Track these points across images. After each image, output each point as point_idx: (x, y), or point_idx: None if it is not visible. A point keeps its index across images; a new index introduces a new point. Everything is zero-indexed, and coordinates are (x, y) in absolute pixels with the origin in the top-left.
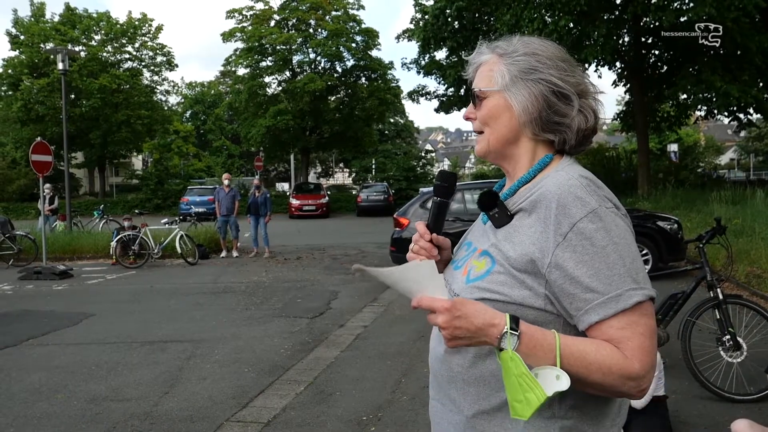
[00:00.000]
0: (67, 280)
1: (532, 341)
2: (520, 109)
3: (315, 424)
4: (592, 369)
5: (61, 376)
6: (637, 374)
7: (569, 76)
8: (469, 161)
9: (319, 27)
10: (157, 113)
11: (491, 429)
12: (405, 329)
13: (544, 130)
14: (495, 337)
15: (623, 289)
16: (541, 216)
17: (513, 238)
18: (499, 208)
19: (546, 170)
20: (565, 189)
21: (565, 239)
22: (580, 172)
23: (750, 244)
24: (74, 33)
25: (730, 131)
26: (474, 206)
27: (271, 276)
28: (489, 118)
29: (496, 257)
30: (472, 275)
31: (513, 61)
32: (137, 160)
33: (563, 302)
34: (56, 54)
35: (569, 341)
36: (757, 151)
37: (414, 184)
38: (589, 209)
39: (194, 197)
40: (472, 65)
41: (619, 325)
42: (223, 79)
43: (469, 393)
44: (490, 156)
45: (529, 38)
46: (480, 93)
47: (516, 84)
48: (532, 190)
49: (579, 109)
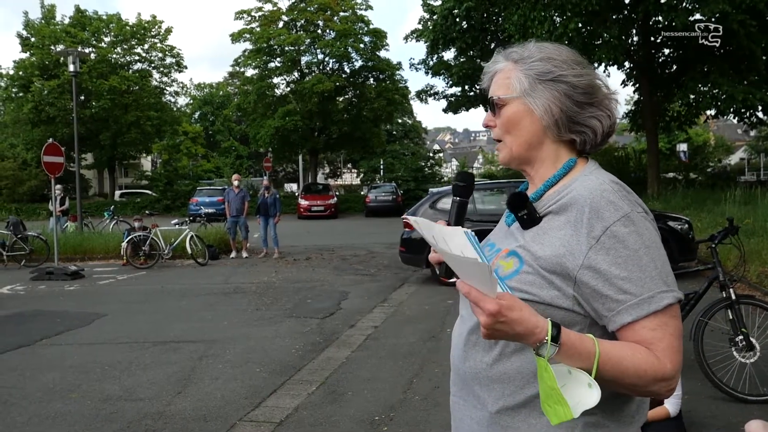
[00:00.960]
0: (79, 281)
1: (571, 350)
2: (542, 111)
3: (328, 424)
4: (628, 372)
5: (75, 376)
6: (669, 375)
7: (585, 78)
8: (477, 161)
9: (327, 28)
10: (166, 114)
11: (515, 424)
12: (416, 329)
13: (567, 130)
14: (535, 342)
15: (655, 291)
16: (571, 219)
17: (542, 240)
18: (528, 209)
19: (571, 174)
20: (597, 193)
21: (598, 242)
22: (611, 178)
23: (762, 244)
24: (84, 35)
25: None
26: (483, 206)
27: (281, 276)
28: (509, 124)
29: (525, 257)
30: (500, 274)
31: (529, 66)
32: (146, 161)
33: (594, 303)
34: (67, 56)
35: (606, 347)
36: (767, 151)
37: (422, 184)
38: (622, 213)
39: (203, 198)
40: (487, 74)
41: (651, 326)
42: (231, 80)
43: (494, 389)
44: (513, 163)
45: (543, 43)
46: (498, 101)
47: (535, 88)
48: (561, 194)
49: (598, 109)
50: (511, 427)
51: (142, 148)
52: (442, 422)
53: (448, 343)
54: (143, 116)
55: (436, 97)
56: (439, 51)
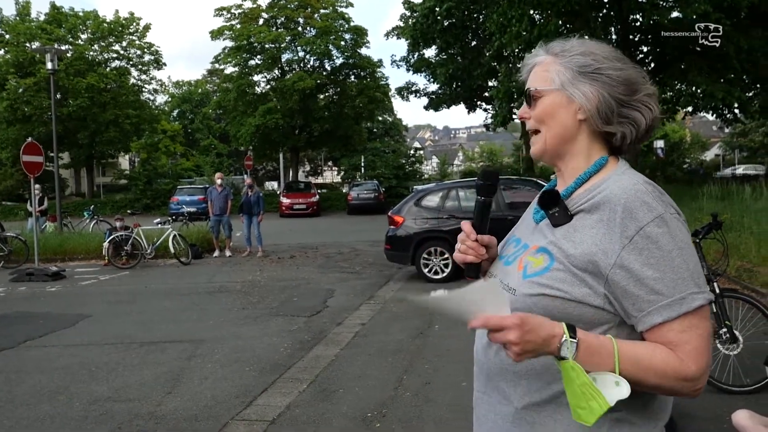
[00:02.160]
0: (60, 282)
1: (590, 349)
2: (584, 101)
3: (321, 422)
4: (648, 373)
5: (62, 378)
6: (693, 376)
7: (626, 72)
8: (458, 158)
9: (308, 25)
10: (145, 112)
11: (541, 420)
12: (403, 327)
13: (609, 122)
14: (556, 346)
15: (687, 292)
16: (604, 218)
17: (573, 238)
18: (560, 207)
19: (603, 173)
20: (631, 194)
21: (631, 242)
22: (644, 178)
23: (740, 239)
24: (60, 32)
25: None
26: (468, 203)
27: (266, 275)
28: (545, 116)
29: (556, 255)
30: (530, 270)
31: (569, 58)
32: (124, 160)
33: (624, 302)
34: (45, 53)
35: (625, 347)
36: (741, 147)
37: (404, 181)
38: (656, 214)
39: (184, 197)
40: (525, 66)
41: (680, 327)
42: (210, 78)
43: (520, 385)
44: (546, 156)
45: (584, 39)
46: (536, 92)
47: (576, 80)
48: (593, 193)
49: (639, 102)
50: (537, 423)
51: (121, 146)
52: (435, 418)
53: (435, 340)
54: (122, 114)
55: (417, 95)
56: (420, 49)
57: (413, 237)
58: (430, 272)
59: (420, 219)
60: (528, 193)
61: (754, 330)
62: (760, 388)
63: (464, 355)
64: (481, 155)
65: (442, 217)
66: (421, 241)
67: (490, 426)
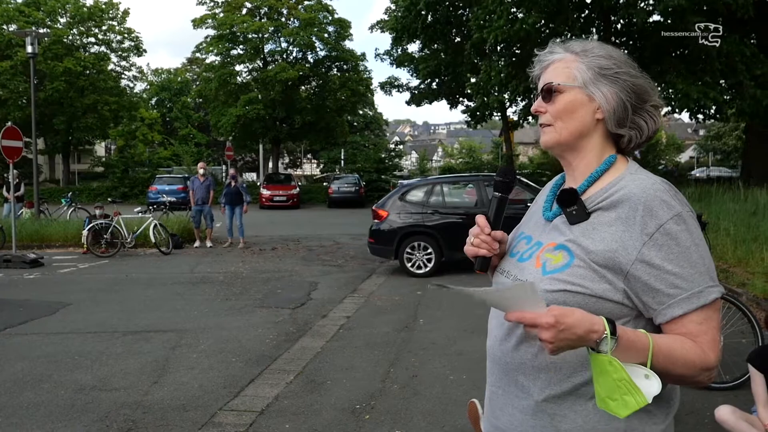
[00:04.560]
0: (39, 269)
1: (628, 343)
2: (603, 102)
3: (310, 413)
4: (678, 364)
5: (45, 366)
6: (713, 365)
7: (640, 80)
8: (437, 154)
9: (291, 16)
10: (123, 99)
11: (562, 411)
12: (388, 320)
13: (623, 125)
14: (594, 341)
15: (703, 286)
16: (622, 216)
17: (592, 235)
18: (578, 205)
19: (613, 171)
20: (650, 192)
21: (651, 238)
22: (661, 178)
23: (716, 240)
24: (39, 14)
25: (690, 130)
26: (452, 199)
27: (248, 266)
28: (564, 112)
29: (575, 252)
30: (549, 267)
31: (591, 59)
32: (100, 147)
33: (644, 297)
34: (25, 37)
35: (659, 340)
36: (715, 150)
37: (384, 175)
38: (675, 212)
39: (163, 186)
40: (540, 62)
41: (698, 319)
42: (190, 66)
43: (540, 378)
44: (557, 148)
45: (601, 42)
46: (558, 87)
47: (598, 80)
48: (610, 191)
49: (648, 109)
50: (558, 414)
51: (99, 133)
52: (423, 410)
53: (421, 334)
54: (101, 100)
55: (400, 90)
56: (404, 43)
57: (397, 231)
58: (413, 267)
59: (404, 213)
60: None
61: (733, 329)
62: (739, 384)
63: (450, 349)
64: (461, 151)
65: (427, 212)
66: (404, 235)
67: (508, 419)
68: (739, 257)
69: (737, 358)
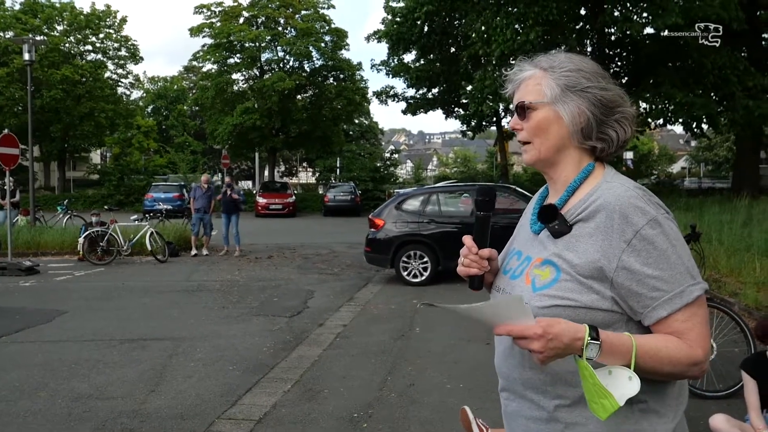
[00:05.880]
0: (34, 277)
1: (611, 348)
2: (569, 119)
3: (307, 422)
4: (664, 362)
5: (41, 374)
6: (701, 359)
7: (609, 90)
8: (432, 163)
9: (288, 26)
10: (120, 107)
11: (573, 419)
12: (385, 328)
13: (589, 138)
14: (579, 348)
15: (685, 285)
16: (601, 225)
17: (575, 248)
18: (560, 220)
19: (592, 179)
20: (624, 200)
21: (630, 245)
22: (634, 183)
23: (708, 250)
24: (36, 22)
25: (682, 141)
26: (448, 208)
27: (245, 275)
28: (538, 129)
29: (561, 266)
30: (538, 284)
31: (560, 75)
32: (95, 155)
33: (630, 302)
34: (22, 44)
35: (642, 341)
36: (707, 161)
37: (380, 184)
38: (650, 217)
39: (159, 194)
40: (513, 81)
41: (683, 317)
42: (186, 75)
43: (548, 392)
44: (539, 164)
45: (570, 54)
46: (530, 105)
47: (565, 96)
48: (587, 202)
49: (618, 119)
50: (569, 422)
51: (95, 141)
52: (421, 419)
53: (418, 342)
54: (97, 108)
55: (396, 99)
56: (400, 53)
57: (393, 240)
58: (409, 275)
59: (400, 222)
60: (505, 200)
61: (727, 338)
62: (732, 393)
63: (446, 357)
64: (456, 161)
65: (423, 221)
66: (401, 244)
67: (523, 430)
68: (731, 267)
69: (730, 367)
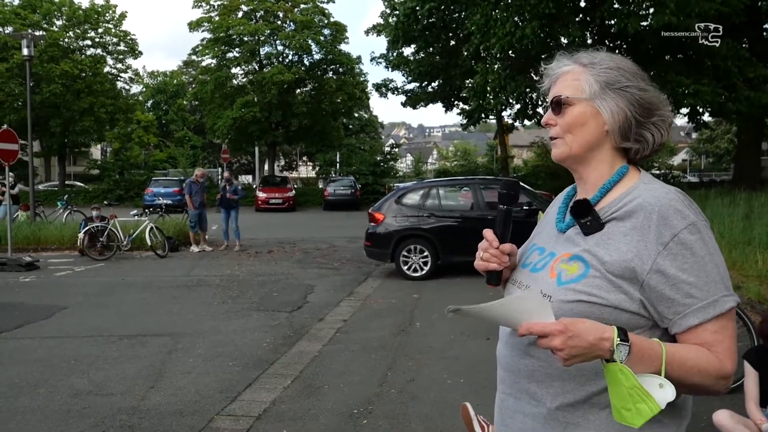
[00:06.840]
0: (34, 272)
1: (640, 352)
2: (608, 116)
3: (307, 418)
4: (692, 372)
5: (41, 370)
6: (729, 373)
7: (648, 92)
8: (432, 157)
9: (287, 19)
10: (120, 102)
11: (574, 420)
12: (385, 323)
13: (627, 139)
14: (607, 349)
15: (719, 295)
16: (637, 225)
17: (607, 245)
18: (593, 216)
19: (626, 181)
20: (665, 202)
21: (666, 248)
22: (675, 188)
23: None
24: (35, 17)
25: (683, 133)
26: (448, 202)
27: (245, 269)
28: (574, 125)
29: (591, 262)
30: (564, 278)
31: (600, 71)
32: (95, 150)
33: (659, 306)
34: (21, 39)
35: (672, 349)
36: (708, 153)
37: (380, 178)
38: (689, 222)
39: (159, 188)
40: (549, 75)
41: (714, 328)
42: (186, 69)
43: (552, 386)
44: (569, 161)
45: (609, 53)
46: (567, 100)
47: (605, 93)
48: (623, 201)
49: (655, 122)
50: (570, 423)
51: (95, 136)
52: (421, 415)
53: (417, 338)
54: (97, 103)
55: (395, 92)
56: (400, 47)
57: (393, 234)
58: (409, 270)
59: (400, 216)
60: None
61: None
62: (735, 389)
63: (446, 353)
64: (456, 154)
65: (423, 215)
66: (401, 238)
67: (519, 427)
68: (733, 260)
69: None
